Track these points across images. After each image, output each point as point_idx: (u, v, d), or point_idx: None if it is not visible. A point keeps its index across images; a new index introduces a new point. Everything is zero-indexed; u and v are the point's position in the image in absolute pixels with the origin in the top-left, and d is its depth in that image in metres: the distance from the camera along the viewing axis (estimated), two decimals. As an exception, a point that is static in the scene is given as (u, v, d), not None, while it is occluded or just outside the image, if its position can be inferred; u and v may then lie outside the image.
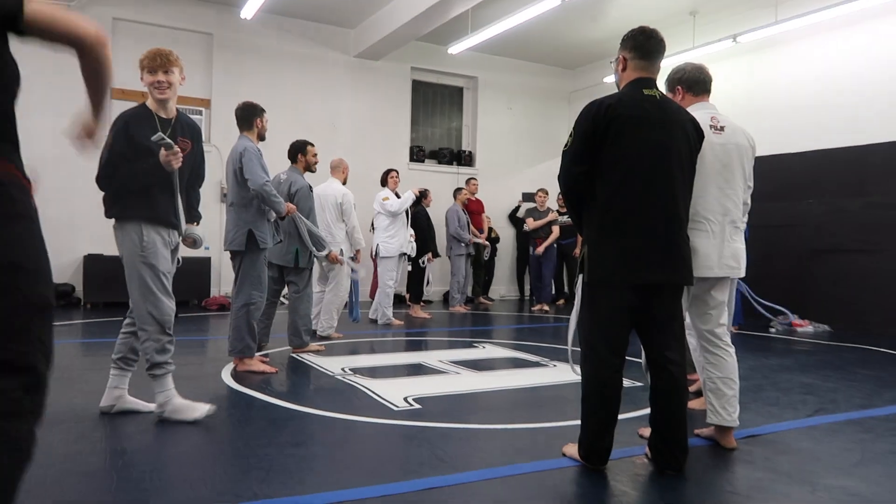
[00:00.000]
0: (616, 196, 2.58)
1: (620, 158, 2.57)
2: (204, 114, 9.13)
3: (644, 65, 2.72)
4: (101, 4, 8.39)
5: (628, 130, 2.56)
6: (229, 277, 8.80)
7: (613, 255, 2.58)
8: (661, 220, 2.58)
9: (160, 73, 3.19)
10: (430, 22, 8.48)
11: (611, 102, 2.59)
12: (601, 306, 2.62)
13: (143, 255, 3.14)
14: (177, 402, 3.23)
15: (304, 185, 5.36)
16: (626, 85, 2.73)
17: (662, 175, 2.59)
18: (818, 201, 7.97)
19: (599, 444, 2.63)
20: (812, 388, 4.42)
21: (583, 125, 2.62)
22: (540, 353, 5.63)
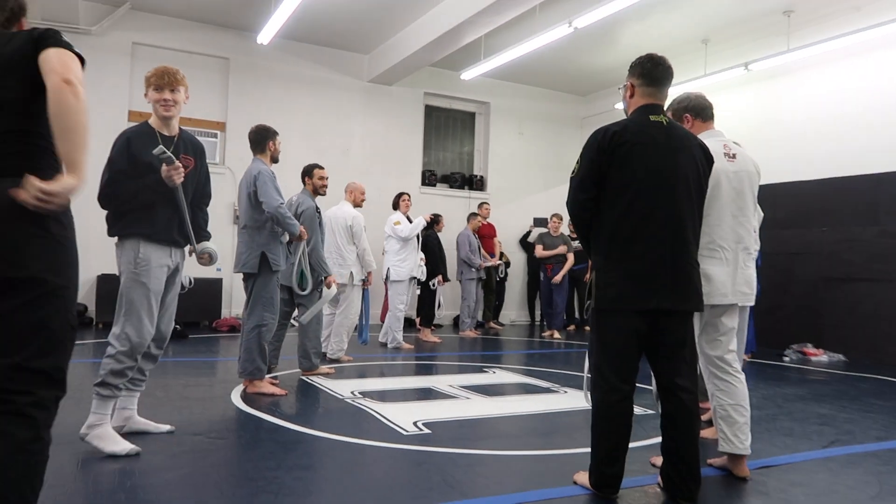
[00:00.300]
0: (622, 222, 2.59)
1: (626, 184, 2.58)
2: (219, 137, 9.25)
3: (651, 91, 2.73)
4: (120, 29, 8.58)
5: (634, 157, 2.57)
6: (240, 299, 8.87)
7: (620, 280, 2.58)
8: (667, 245, 2.57)
9: (167, 91, 3.21)
10: (443, 48, 8.59)
11: (616, 129, 2.61)
12: (609, 332, 2.62)
13: (135, 273, 3.09)
14: (107, 430, 3.03)
15: (311, 207, 5.40)
16: (633, 111, 2.75)
17: (668, 200, 2.58)
18: (832, 229, 7.92)
19: (610, 471, 2.59)
20: (828, 419, 4.35)
21: (588, 152, 2.65)
22: (551, 379, 5.59)
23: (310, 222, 5.32)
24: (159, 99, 3.20)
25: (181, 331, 7.44)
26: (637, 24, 8.47)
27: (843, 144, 7.96)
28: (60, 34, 1.83)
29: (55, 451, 2.95)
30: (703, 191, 2.74)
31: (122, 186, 3.09)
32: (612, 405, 2.58)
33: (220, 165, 9.18)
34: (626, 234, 2.58)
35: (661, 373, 2.65)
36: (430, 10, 8.26)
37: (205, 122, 9.20)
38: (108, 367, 3.04)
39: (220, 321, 8.47)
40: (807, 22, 8.04)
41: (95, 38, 8.38)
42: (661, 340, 2.62)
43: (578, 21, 7.27)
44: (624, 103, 2.84)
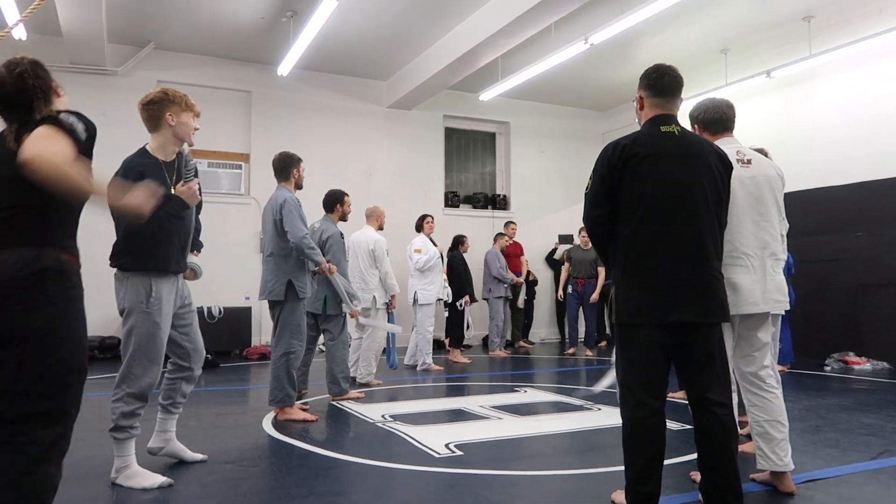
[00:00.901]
0: (636, 235, 2.53)
1: (638, 198, 2.52)
2: (243, 168, 9.40)
3: (659, 102, 2.69)
4: (145, 69, 8.81)
5: (645, 169, 2.51)
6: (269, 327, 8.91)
7: (637, 294, 2.52)
8: (685, 256, 2.50)
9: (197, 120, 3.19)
10: (460, 71, 8.66)
11: (626, 143, 2.56)
12: (633, 347, 2.54)
13: (147, 312, 2.99)
14: (134, 469, 3.01)
15: (336, 233, 5.43)
16: (644, 123, 2.70)
17: (684, 211, 2.51)
18: (867, 234, 7.72)
19: (644, 489, 2.49)
20: (875, 429, 4.19)
21: (599, 167, 2.61)
22: (584, 397, 5.49)
23: (337, 248, 5.35)
24: (194, 128, 3.15)
25: (212, 360, 7.49)
26: (654, 38, 8.45)
27: (872, 147, 7.79)
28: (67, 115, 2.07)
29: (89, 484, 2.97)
30: (721, 198, 2.64)
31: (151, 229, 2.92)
32: (641, 421, 2.49)
33: (244, 196, 9.32)
34: (641, 248, 2.53)
35: (692, 387, 2.56)
36: (445, 35, 8.35)
37: (229, 155, 9.37)
38: (119, 411, 2.98)
39: (251, 349, 8.52)
40: (828, 27, 7.93)
41: (121, 78, 8.62)
42: (688, 355, 2.53)
43: (594, 37, 7.27)
44: (637, 116, 2.81)
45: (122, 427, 2.99)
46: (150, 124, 3.13)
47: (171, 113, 3.09)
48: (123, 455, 3.01)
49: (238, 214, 9.20)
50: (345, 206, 5.58)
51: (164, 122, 3.10)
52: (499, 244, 9.14)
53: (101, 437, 3.69)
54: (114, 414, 2.99)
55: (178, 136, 3.13)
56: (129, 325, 3.01)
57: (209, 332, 8.15)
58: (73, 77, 8.46)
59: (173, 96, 3.11)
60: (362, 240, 6.39)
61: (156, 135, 3.13)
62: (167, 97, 3.09)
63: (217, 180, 9.17)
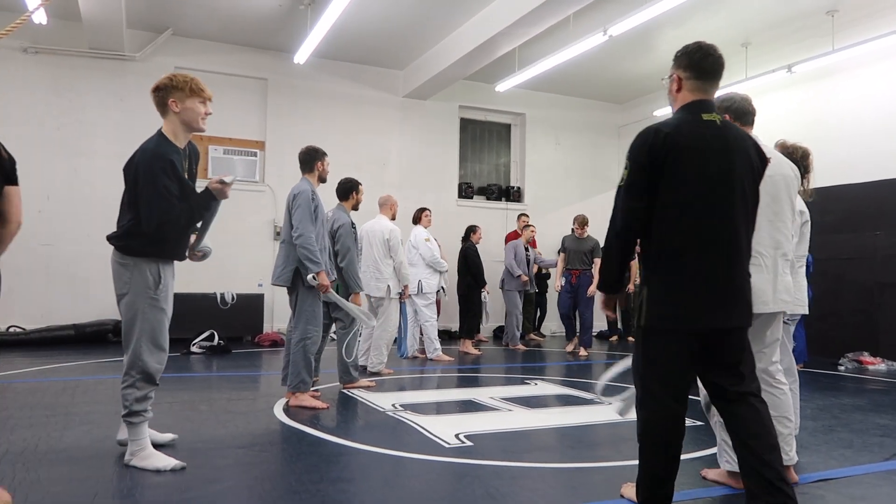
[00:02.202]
0: (673, 234, 2.35)
1: (678, 193, 2.34)
2: (258, 155, 9.42)
3: (700, 86, 2.47)
4: (163, 55, 8.85)
5: (687, 162, 2.32)
6: (282, 314, 8.99)
7: (669, 297, 2.35)
8: (722, 258, 2.35)
9: (209, 104, 3.15)
10: (477, 61, 8.61)
11: (668, 131, 2.34)
12: (658, 352, 2.39)
13: (154, 297, 3.00)
14: (149, 451, 3.04)
15: (347, 222, 5.45)
16: (681, 109, 2.49)
17: (724, 209, 2.35)
18: (886, 233, 7.62)
19: (661, 491, 2.39)
20: (889, 430, 4.14)
21: (638, 156, 2.39)
22: (594, 391, 5.48)
23: (347, 237, 5.37)
24: (206, 112, 3.13)
25: (224, 346, 7.56)
26: (674, 30, 8.35)
27: (893, 145, 7.67)
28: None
29: (102, 465, 3.01)
30: (757, 196, 2.49)
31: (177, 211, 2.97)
32: (662, 425, 2.37)
33: (259, 183, 9.35)
34: (677, 246, 2.34)
35: (718, 386, 2.42)
36: (463, 24, 8.30)
37: (244, 142, 9.40)
38: (132, 397, 3.00)
39: (263, 336, 8.58)
40: (851, 21, 7.81)
41: (139, 63, 8.66)
42: (715, 357, 2.40)
43: (613, 29, 7.20)
44: (670, 98, 2.57)
45: (136, 412, 3.02)
46: (160, 111, 3.13)
47: (174, 99, 3.06)
48: (138, 438, 3.04)
49: (252, 202, 9.24)
50: (359, 194, 5.60)
51: (169, 109, 3.08)
52: (524, 236, 9.09)
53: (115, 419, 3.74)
54: (126, 400, 3.00)
55: (185, 123, 3.09)
56: (134, 311, 3.00)
57: (222, 318, 8.32)
58: (91, 62, 8.52)
59: (177, 82, 3.06)
60: (377, 229, 6.39)
61: (166, 121, 3.12)
62: (171, 83, 3.06)
63: (232, 167, 9.21)
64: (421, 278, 7.42)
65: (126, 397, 3.01)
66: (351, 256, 5.35)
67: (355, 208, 5.62)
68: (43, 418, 3.96)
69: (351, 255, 5.35)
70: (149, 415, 3.08)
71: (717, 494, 2.85)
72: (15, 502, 2.53)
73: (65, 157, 8.33)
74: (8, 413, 4.09)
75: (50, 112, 8.38)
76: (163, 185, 2.92)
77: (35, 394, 4.75)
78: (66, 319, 8.04)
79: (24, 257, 8.01)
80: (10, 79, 8.18)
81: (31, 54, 8.28)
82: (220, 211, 3.49)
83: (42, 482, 2.78)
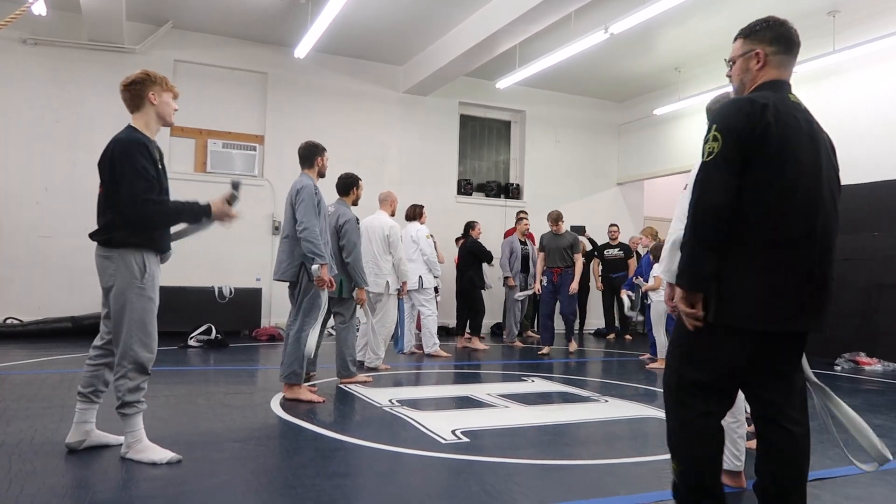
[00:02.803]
0: (771, 220, 2.03)
1: (775, 174, 2.03)
2: (258, 150, 9.40)
3: (786, 61, 2.19)
4: (163, 48, 8.83)
5: (783, 140, 2.04)
6: (279, 308, 8.99)
7: (761, 293, 2.03)
8: (815, 254, 2.06)
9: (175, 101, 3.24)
10: (477, 58, 8.60)
11: (765, 103, 2.04)
12: (718, 351, 2.09)
13: (142, 287, 3.00)
14: (145, 443, 3.04)
15: (352, 218, 5.45)
16: (761, 86, 2.18)
17: (816, 200, 2.07)
18: (885, 234, 7.63)
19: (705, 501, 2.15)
20: (885, 430, 4.16)
21: (734, 126, 2.03)
22: (590, 388, 5.49)
23: (353, 233, 5.37)
24: (175, 108, 3.22)
25: (222, 340, 7.56)
26: (675, 29, 8.35)
27: (893, 145, 7.67)
28: None
29: (98, 457, 3.01)
30: (839, 191, 2.22)
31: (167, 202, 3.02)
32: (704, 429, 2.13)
33: (258, 178, 9.34)
34: (775, 236, 2.03)
35: (769, 402, 2.15)
36: (464, 21, 8.29)
37: (244, 136, 9.38)
38: (125, 387, 2.98)
39: (260, 330, 8.57)
40: (853, 22, 7.81)
41: (139, 56, 8.64)
42: (773, 366, 2.12)
43: (615, 27, 7.19)
44: (738, 80, 2.28)
45: (130, 402, 3.01)
46: (132, 104, 3.14)
47: (153, 92, 3.12)
48: (133, 430, 3.03)
49: (251, 196, 9.20)
50: (359, 189, 5.64)
51: (146, 102, 3.12)
52: (518, 230, 9.10)
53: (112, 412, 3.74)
54: (119, 391, 2.99)
55: (160, 116, 3.17)
56: (122, 302, 2.98)
57: (219, 312, 8.32)
58: (90, 55, 8.49)
59: (154, 76, 3.14)
60: (376, 225, 6.38)
61: (138, 115, 3.14)
62: (149, 77, 3.13)
63: (231, 161, 9.19)
64: (421, 273, 7.42)
65: (119, 388, 3.00)
66: (357, 252, 5.37)
67: (355, 203, 5.63)
68: (39, 410, 3.96)
69: (357, 250, 5.38)
70: (143, 406, 3.07)
71: (713, 493, 2.85)
72: (11, 493, 2.53)
73: (63, 150, 8.30)
74: (4, 405, 4.08)
75: (49, 104, 8.36)
76: (141, 165, 2.96)
77: (32, 386, 4.74)
78: (63, 311, 8.03)
79: (22, 249, 8.00)
80: (8, 70, 8.16)
81: (31, 46, 8.25)
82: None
83: (38, 474, 2.78)
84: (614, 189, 12.01)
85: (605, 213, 11.41)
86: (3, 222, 7.93)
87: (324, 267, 4.41)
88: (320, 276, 4.39)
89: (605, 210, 11.56)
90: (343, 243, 5.34)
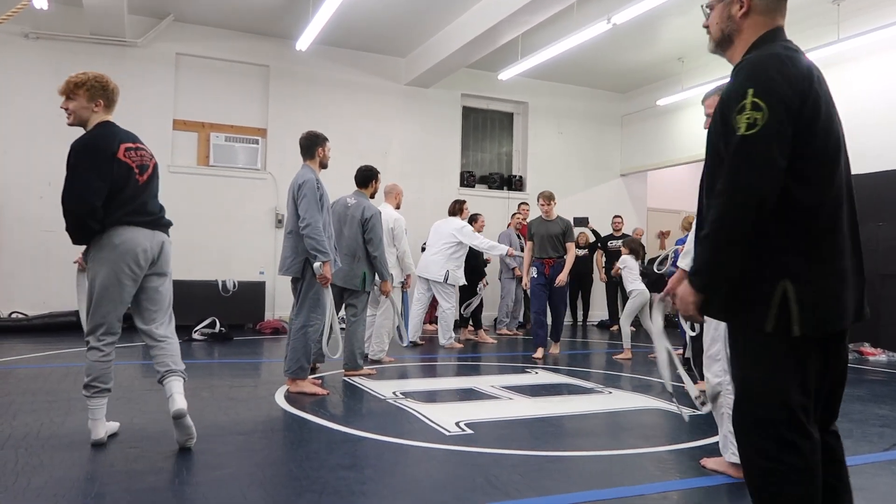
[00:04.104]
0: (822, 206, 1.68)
1: (818, 149, 1.68)
2: (260, 143, 9.39)
3: (777, 5, 1.82)
4: (164, 41, 8.81)
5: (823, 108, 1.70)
6: (283, 302, 9.00)
7: (837, 289, 1.68)
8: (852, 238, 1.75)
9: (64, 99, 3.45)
10: (479, 49, 8.56)
11: (808, 63, 1.70)
12: (802, 362, 1.69)
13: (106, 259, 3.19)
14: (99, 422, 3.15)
15: (377, 212, 5.49)
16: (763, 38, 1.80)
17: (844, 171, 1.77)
18: (889, 224, 7.60)
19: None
20: (889, 421, 4.16)
21: (781, 90, 1.62)
22: (594, 380, 5.49)
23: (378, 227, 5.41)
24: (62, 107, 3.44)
25: (226, 333, 7.58)
26: (678, 19, 8.29)
27: (898, 135, 7.64)
28: None
29: (104, 450, 3.03)
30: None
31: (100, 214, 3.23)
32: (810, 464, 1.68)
33: (261, 171, 9.33)
34: (826, 224, 1.68)
35: (827, 406, 1.88)
36: (466, 12, 8.25)
37: (246, 129, 9.37)
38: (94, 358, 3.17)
39: (264, 323, 8.59)
40: (858, 10, 7.75)
41: (141, 49, 8.62)
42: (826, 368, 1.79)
43: (617, 17, 7.14)
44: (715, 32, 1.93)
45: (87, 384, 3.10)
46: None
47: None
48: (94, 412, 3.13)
49: (254, 189, 9.23)
50: (377, 182, 5.72)
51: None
52: (513, 223, 9.11)
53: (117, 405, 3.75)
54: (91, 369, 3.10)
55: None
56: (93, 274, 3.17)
57: (223, 305, 8.33)
58: (92, 48, 8.48)
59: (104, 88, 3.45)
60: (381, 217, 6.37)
61: None
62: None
63: (234, 155, 9.19)
64: (449, 269, 7.45)
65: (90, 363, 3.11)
66: (382, 246, 5.42)
67: (372, 196, 5.65)
68: (45, 404, 3.98)
69: (382, 244, 5.43)
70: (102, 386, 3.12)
71: (717, 483, 2.86)
72: (18, 486, 2.54)
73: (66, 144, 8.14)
74: (10, 399, 4.11)
75: (51, 98, 8.26)
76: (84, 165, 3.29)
77: (37, 380, 4.77)
78: (67, 306, 8.04)
79: (26, 244, 8.01)
80: (11, 65, 8.15)
81: (32, 40, 8.24)
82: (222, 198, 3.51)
83: (45, 467, 2.80)
84: (618, 180, 11.98)
85: (609, 205, 11.38)
86: (7, 217, 7.96)
87: (326, 264, 4.41)
88: (322, 273, 4.40)
89: (608, 201, 11.53)
90: (370, 237, 5.34)
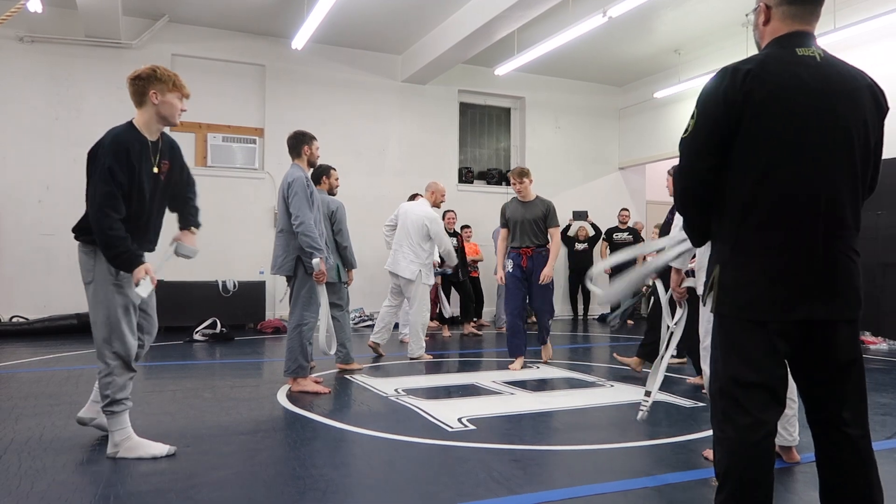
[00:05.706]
0: (757, 199, 1.84)
1: (762, 145, 1.83)
2: (257, 143, 9.39)
3: (796, 12, 1.91)
4: (160, 42, 8.79)
5: (774, 105, 1.82)
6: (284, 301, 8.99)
7: (755, 279, 1.83)
8: (818, 231, 1.81)
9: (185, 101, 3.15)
10: (475, 45, 8.55)
11: (750, 68, 1.85)
12: (745, 348, 1.85)
13: (118, 283, 2.95)
14: (136, 440, 3.02)
15: (340, 204, 5.52)
16: (770, 44, 1.96)
17: (821, 168, 1.83)
18: (888, 212, 7.60)
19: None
20: (890, 409, 4.16)
21: (710, 103, 1.88)
22: (596, 374, 5.50)
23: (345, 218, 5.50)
24: (182, 108, 3.12)
25: (227, 333, 7.58)
26: (673, 11, 8.28)
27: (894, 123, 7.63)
28: None
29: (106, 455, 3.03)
30: (870, 151, 1.93)
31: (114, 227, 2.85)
32: (757, 444, 1.81)
33: (259, 171, 9.33)
34: (762, 216, 1.83)
35: (818, 402, 1.92)
36: (461, 8, 8.24)
37: (243, 129, 9.37)
38: (110, 386, 2.95)
39: (265, 323, 8.60)
40: (853, -2, 7.74)
41: (136, 51, 8.60)
42: (817, 361, 1.88)
43: (613, 10, 7.13)
44: (755, 34, 2.07)
45: (119, 400, 2.98)
46: (135, 99, 3.06)
47: (155, 90, 3.02)
48: (122, 428, 3.00)
49: (252, 189, 9.23)
50: (331, 178, 5.57)
51: (148, 100, 3.04)
52: None
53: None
54: (105, 390, 2.96)
55: (161, 115, 3.06)
56: (99, 298, 2.95)
57: (224, 305, 8.34)
58: (87, 50, 8.46)
59: (161, 74, 3.04)
60: (418, 213, 6.29)
61: (141, 111, 3.07)
62: (154, 74, 3.03)
63: (231, 155, 9.18)
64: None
65: (104, 387, 2.96)
66: (348, 236, 5.50)
67: (331, 193, 5.58)
68: (47, 407, 3.98)
69: (348, 234, 5.50)
70: (130, 403, 3.04)
71: (719, 475, 2.86)
72: (21, 491, 2.55)
73: (64, 147, 8.29)
74: (12, 403, 4.11)
75: (48, 102, 8.35)
76: (108, 167, 2.85)
77: (39, 383, 4.77)
78: (68, 309, 8.05)
79: (26, 248, 8.01)
80: (6, 69, 8.14)
81: (27, 43, 8.22)
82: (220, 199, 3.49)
83: (47, 470, 2.80)
84: (616, 174, 11.97)
85: (607, 198, 11.39)
86: (6, 222, 7.95)
87: (322, 261, 4.42)
88: (319, 269, 4.40)
89: (606, 195, 11.54)
90: (339, 228, 5.39)
